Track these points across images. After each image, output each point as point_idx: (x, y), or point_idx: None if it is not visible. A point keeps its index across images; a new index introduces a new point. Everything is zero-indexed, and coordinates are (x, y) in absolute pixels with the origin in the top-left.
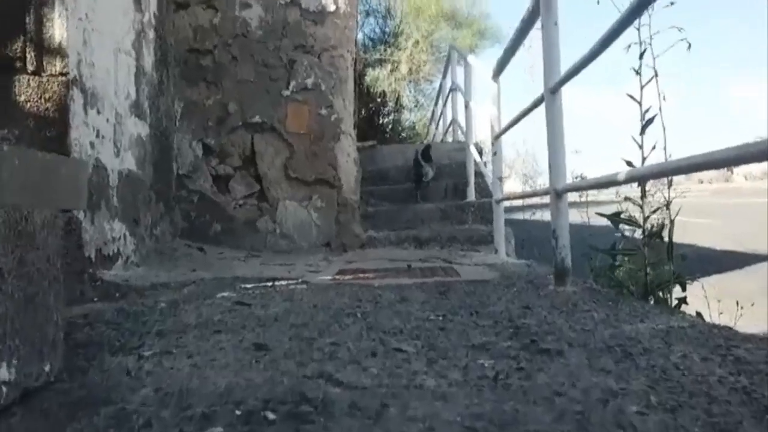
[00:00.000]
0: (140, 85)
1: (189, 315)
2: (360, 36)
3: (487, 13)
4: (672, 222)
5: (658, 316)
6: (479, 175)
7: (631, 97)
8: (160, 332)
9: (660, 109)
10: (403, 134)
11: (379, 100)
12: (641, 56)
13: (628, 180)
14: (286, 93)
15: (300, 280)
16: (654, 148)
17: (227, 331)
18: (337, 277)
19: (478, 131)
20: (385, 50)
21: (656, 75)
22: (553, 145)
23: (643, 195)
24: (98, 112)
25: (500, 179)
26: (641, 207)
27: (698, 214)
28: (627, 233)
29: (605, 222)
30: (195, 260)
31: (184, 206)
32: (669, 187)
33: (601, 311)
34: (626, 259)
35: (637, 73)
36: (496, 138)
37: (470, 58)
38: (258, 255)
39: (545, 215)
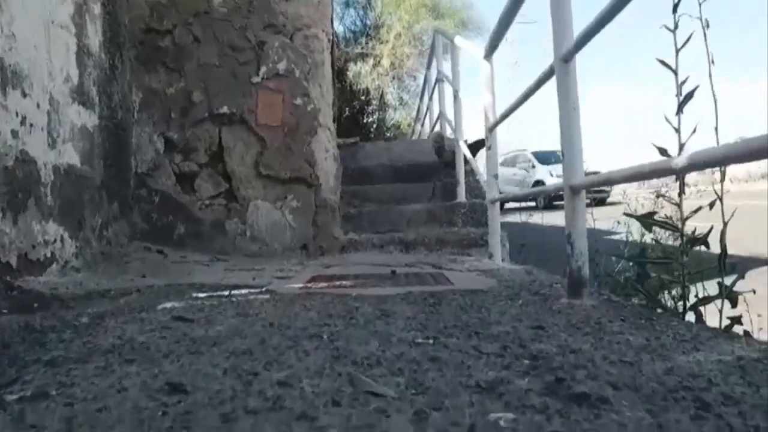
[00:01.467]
0: (85, 67)
1: (107, 335)
2: (341, 29)
3: (470, 2)
4: (725, 224)
5: (714, 342)
6: (469, 173)
7: (664, 63)
8: (53, 361)
9: (710, 75)
10: (388, 134)
11: (363, 98)
12: (675, 8)
13: (688, 168)
14: (256, 79)
15: (264, 289)
16: (695, 131)
17: (144, 361)
18: (308, 285)
19: (467, 127)
20: (366, 43)
21: (707, 26)
22: (567, 130)
23: (682, 191)
24: (24, 95)
25: (495, 176)
26: (679, 206)
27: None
28: (633, 237)
29: (605, 226)
30: (150, 265)
31: (144, 207)
32: (722, 181)
33: (637, 334)
34: (633, 267)
35: (672, 31)
36: (491, 129)
37: (458, 39)
38: (225, 259)
39: (546, 217)
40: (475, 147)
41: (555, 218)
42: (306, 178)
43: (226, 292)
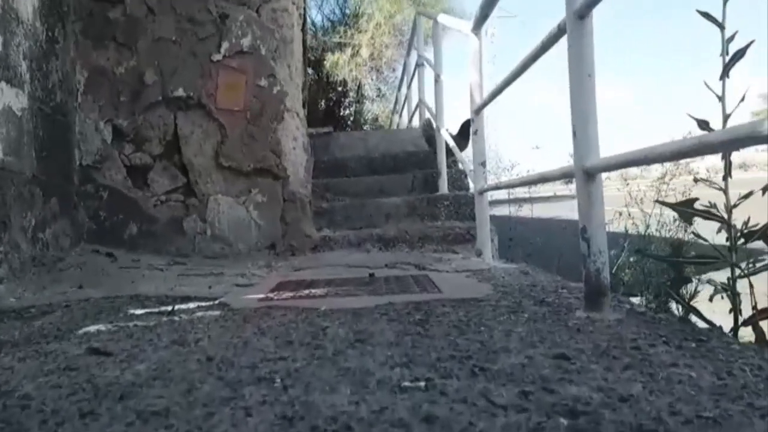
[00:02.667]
0: (12, 35)
1: None
2: (318, 18)
3: None
4: None
5: None
6: (451, 164)
7: (706, 15)
8: None
9: None
10: (366, 126)
11: (340, 89)
12: None
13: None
14: (217, 57)
15: (216, 302)
16: (743, 99)
17: None
18: (271, 295)
19: (449, 117)
20: (345, 32)
21: None
22: (580, 101)
23: (728, 173)
24: None
25: (483, 164)
26: (725, 192)
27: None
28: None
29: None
30: (90, 272)
31: (91, 204)
32: None
33: (697, 366)
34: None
35: None
36: (478, 111)
37: (441, 17)
38: (183, 262)
39: (536, 210)
40: (464, 134)
41: (543, 210)
42: (272, 170)
43: (169, 308)
